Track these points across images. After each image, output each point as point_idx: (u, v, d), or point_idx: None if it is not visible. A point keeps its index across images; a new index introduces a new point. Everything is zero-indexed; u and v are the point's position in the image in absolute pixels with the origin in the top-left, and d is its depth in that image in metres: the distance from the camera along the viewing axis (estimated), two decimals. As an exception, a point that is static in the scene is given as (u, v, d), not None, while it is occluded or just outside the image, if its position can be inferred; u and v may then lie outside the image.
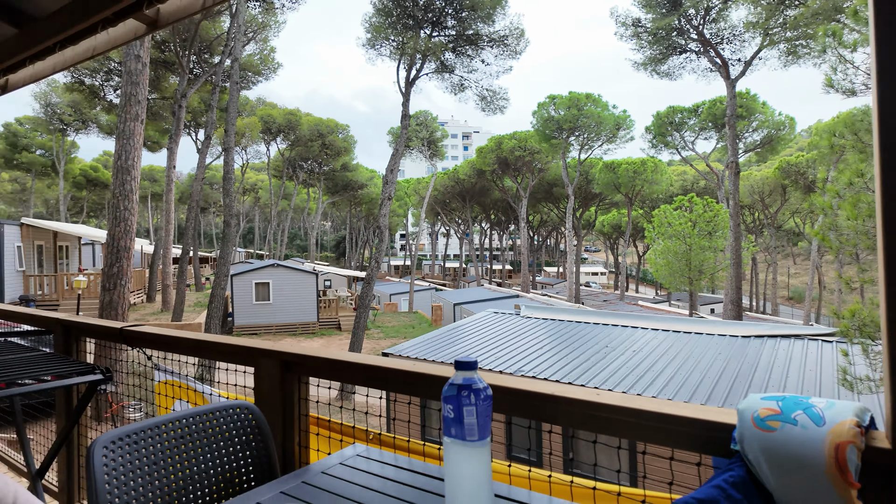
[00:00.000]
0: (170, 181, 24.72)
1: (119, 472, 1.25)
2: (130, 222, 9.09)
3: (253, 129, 39.37)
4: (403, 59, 19.05)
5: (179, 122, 22.53)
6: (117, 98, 28.42)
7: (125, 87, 8.77)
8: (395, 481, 1.27)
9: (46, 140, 40.68)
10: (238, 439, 1.49)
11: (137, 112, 8.79)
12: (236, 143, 21.59)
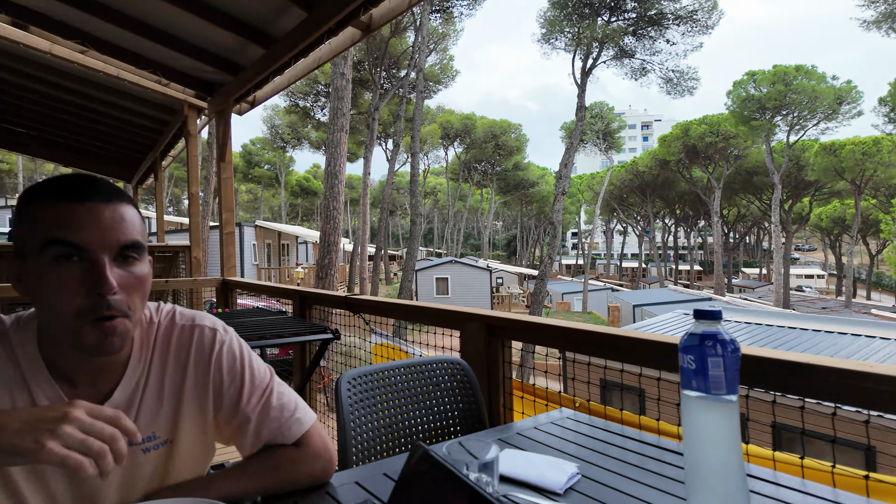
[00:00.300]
0: (365, 187, 27.62)
1: (356, 399, 1.43)
2: (338, 220, 10.36)
3: (433, 136, 42.02)
4: (579, 50, 18.55)
5: (373, 134, 25.03)
6: (324, 116, 32.70)
7: (333, 103, 10.07)
8: (616, 446, 1.23)
9: (272, 156, 48.75)
10: (450, 390, 1.59)
11: (343, 123, 10.03)
12: (419, 149, 23.29)
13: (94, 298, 0.80)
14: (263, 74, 3.35)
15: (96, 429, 0.70)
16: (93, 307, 0.80)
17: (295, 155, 55.23)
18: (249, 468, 0.97)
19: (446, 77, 31.02)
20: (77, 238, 0.79)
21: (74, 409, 0.70)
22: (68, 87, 5.56)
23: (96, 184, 0.83)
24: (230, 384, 1.00)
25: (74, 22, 3.50)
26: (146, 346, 0.96)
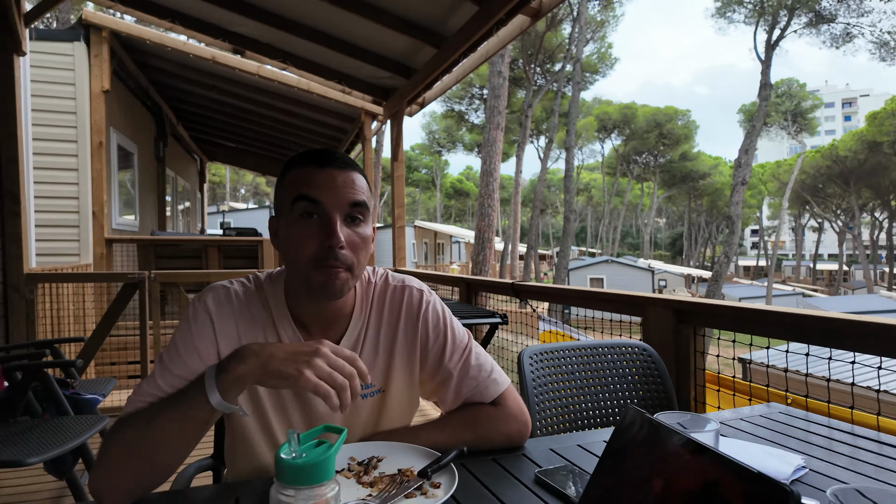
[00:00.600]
0: (517, 185, 27.72)
1: (538, 374, 1.44)
2: (492, 217, 10.55)
3: (589, 129, 40.63)
4: (762, 21, 16.44)
5: (525, 131, 25.03)
6: (477, 119, 33.56)
7: (489, 102, 10.30)
8: (847, 444, 1.06)
9: (429, 161, 51.44)
10: (633, 374, 1.52)
11: (498, 121, 10.20)
12: (574, 143, 22.71)
13: (325, 249, 0.93)
14: (434, 74, 3.54)
15: (339, 365, 0.81)
16: (323, 255, 0.93)
17: (449, 158, 57.68)
18: (451, 421, 1.04)
19: (604, 66, 29.79)
20: (317, 194, 0.94)
21: (323, 347, 0.81)
22: (268, 103, 6.48)
23: (335, 155, 0.99)
24: (434, 341, 1.08)
25: (278, 43, 4.06)
26: (365, 303, 1.08)
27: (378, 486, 0.86)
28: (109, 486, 0.80)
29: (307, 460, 0.59)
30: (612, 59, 29.84)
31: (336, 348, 0.83)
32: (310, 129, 7.36)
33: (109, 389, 3.09)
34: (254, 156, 10.95)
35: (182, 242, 6.29)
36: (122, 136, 6.34)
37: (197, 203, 12.79)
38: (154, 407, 0.84)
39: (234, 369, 0.79)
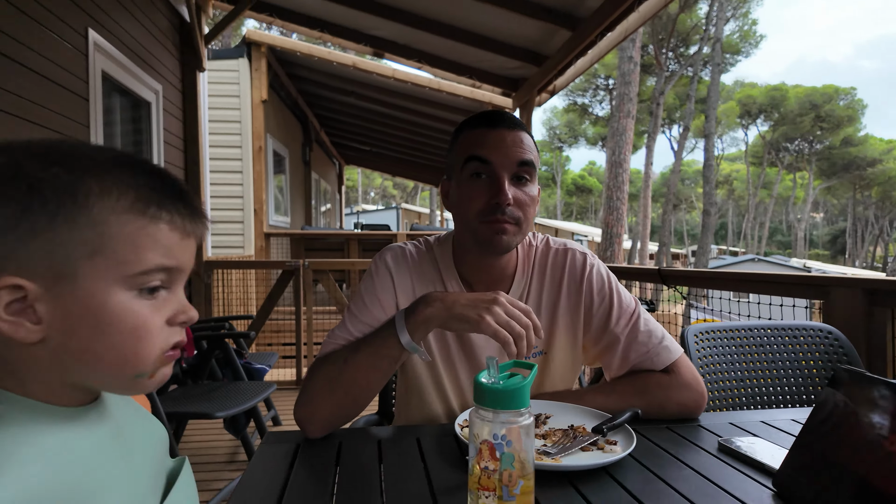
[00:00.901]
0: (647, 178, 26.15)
1: (704, 353, 1.35)
2: (621, 211, 10.07)
3: (730, 115, 37.08)
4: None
5: (657, 120, 23.52)
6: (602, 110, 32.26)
7: (619, 89, 9.84)
8: None
9: (549, 158, 50.44)
10: (814, 359, 1.37)
11: (629, 109, 9.71)
12: (713, 131, 20.87)
13: (492, 205, 0.96)
14: (568, 59, 3.47)
15: (516, 315, 0.83)
16: (490, 210, 0.97)
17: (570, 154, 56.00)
18: (619, 386, 1.01)
19: (747, 45, 26.98)
20: (487, 154, 0.97)
21: (501, 297, 0.85)
22: (401, 105, 6.81)
23: (504, 115, 1.02)
24: (599, 305, 1.06)
25: (414, 43, 4.26)
26: (527, 265, 1.09)
27: (551, 439, 0.86)
28: (311, 415, 0.90)
29: (506, 386, 0.61)
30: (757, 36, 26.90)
31: (513, 300, 0.85)
32: (437, 129, 7.60)
33: (273, 361, 3.47)
34: (385, 158, 11.59)
35: (328, 236, 6.87)
36: (277, 141, 7.08)
37: (336, 203, 13.86)
38: (350, 346, 0.94)
39: (421, 312, 0.85)
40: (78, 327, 0.42)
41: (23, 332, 0.41)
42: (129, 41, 3.27)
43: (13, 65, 2.17)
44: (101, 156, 0.44)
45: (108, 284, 0.43)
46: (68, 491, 0.41)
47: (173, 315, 0.47)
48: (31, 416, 0.42)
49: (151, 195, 0.44)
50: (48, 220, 0.41)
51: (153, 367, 0.46)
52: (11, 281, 0.40)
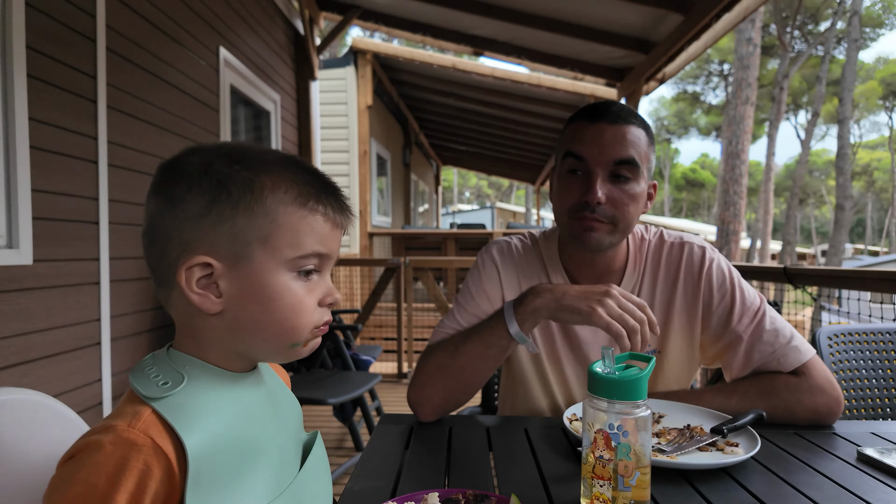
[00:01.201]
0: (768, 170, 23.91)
1: (839, 357, 1.24)
2: (739, 206, 9.30)
3: (869, 97, 32.75)
4: None
5: (780, 106, 21.41)
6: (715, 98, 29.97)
7: (736, 74, 9.08)
8: None
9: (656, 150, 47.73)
10: None
11: (748, 95, 8.93)
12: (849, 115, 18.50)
13: (582, 202, 0.94)
14: (679, 44, 3.27)
15: (630, 309, 0.81)
16: (580, 207, 0.95)
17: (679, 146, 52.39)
18: (741, 388, 0.95)
19: (893, 16, 23.63)
20: (581, 150, 0.95)
21: (613, 289, 0.83)
22: (498, 103, 6.81)
23: (609, 108, 0.97)
24: (720, 302, 1.00)
25: (514, 40, 4.25)
26: (639, 260, 1.06)
27: (665, 437, 0.84)
28: (423, 399, 0.95)
29: (622, 376, 0.60)
30: (907, 4, 23.45)
31: (626, 293, 0.83)
32: (535, 125, 7.51)
33: (377, 354, 3.64)
34: (481, 157, 11.65)
35: (426, 235, 7.06)
36: (380, 145, 7.40)
37: (433, 204, 14.18)
38: (461, 334, 0.97)
39: (530, 302, 0.86)
40: (249, 301, 0.49)
41: (208, 303, 0.49)
42: (252, 56, 3.60)
43: (159, 81, 2.48)
44: (270, 156, 0.52)
45: (275, 265, 0.50)
46: (238, 441, 0.49)
47: (323, 296, 0.53)
48: (210, 378, 0.50)
49: (310, 190, 0.51)
50: (232, 209, 0.48)
51: (305, 339, 0.53)
52: (203, 259, 0.48)
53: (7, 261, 1.59)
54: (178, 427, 0.44)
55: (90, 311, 1.98)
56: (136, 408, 0.45)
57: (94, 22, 2.00)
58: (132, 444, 0.42)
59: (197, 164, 0.49)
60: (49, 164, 1.78)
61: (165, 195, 0.49)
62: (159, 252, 0.50)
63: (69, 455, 0.43)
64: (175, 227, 0.48)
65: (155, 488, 0.42)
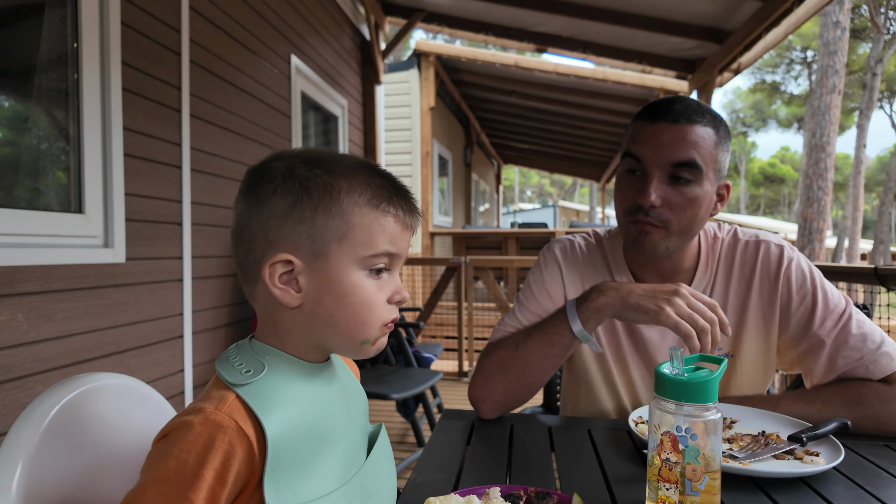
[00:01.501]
0: (858, 162, 22.07)
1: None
2: (824, 202, 8.65)
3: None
4: None
5: (872, 94, 19.70)
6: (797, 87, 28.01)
7: (821, 60, 8.43)
8: None
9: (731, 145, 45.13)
10: None
11: (834, 83, 8.27)
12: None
13: (636, 205, 0.92)
14: (756, 32, 3.10)
15: (700, 309, 0.78)
16: (634, 210, 0.92)
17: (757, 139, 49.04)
18: (824, 395, 0.89)
19: None
20: (638, 151, 0.92)
21: (682, 288, 0.81)
22: (561, 99, 6.70)
23: (671, 106, 0.92)
24: (799, 304, 0.94)
25: (578, 35, 4.17)
26: (711, 260, 1.02)
27: (738, 443, 0.80)
28: (484, 396, 0.96)
29: (691, 378, 0.59)
30: None
31: (696, 293, 0.81)
32: (600, 121, 7.32)
33: (439, 352, 3.69)
34: (543, 155, 11.50)
35: (487, 234, 7.06)
36: (441, 146, 7.47)
37: (493, 203, 14.14)
38: (523, 332, 0.97)
39: (594, 300, 0.85)
40: (325, 297, 0.53)
41: (288, 297, 0.52)
42: (321, 63, 3.74)
43: (235, 90, 2.63)
44: (346, 161, 0.55)
45: (349, 263, 0.53)
46: (312, 429, 0.52)
47: (392, 294, 0.56)
48: (288, 367, 0.54)
49: (382, 193, 0.54)
50: (312, 210, 0.51)
51: (374, 336, 0.55)
52: (286, 256, 0.51)
53: (104, 259, 1.75)
54: (260, 412, 0.48)
55: (174, 306, 2.14)
56: (222, 392, 0.49)
57: (179, 36, 2.15)
58: (218, 426, 0.45)
59: (281, 169, 0.53)
60: (139, 170, 1.93)
61: (253, 197, 0.53)
62: (246, 249, 0.54)
63: (163, 433, 0.47)
64: (261, 226, 0.52)
65: (238, 467, 0.45)
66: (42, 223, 1.56)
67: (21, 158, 1.61)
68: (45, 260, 1.53)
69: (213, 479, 0.44)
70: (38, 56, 1.64)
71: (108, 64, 1.77)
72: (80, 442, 0.61)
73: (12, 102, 1.63)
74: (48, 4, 1.66)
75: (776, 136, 77.09)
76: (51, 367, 1.55)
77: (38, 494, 0.55)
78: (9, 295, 1.42)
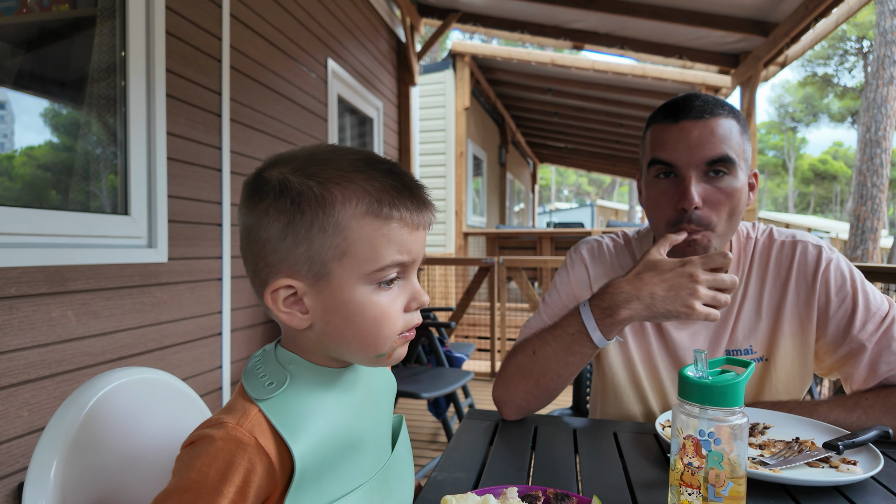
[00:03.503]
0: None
1: None
2: (879, 200, 8.21)
3: None
4: None
5: (934, 85, 18.59)
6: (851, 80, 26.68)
7: (877, 51, 8.01)
8: None
9: (778, 141, 43.40)
10: None
11: (892, 74, 7.84)
12: None
13: (679, 212, 0.88)
14: (804, 23, 2.96)
15: (718, 281, 0.79)
16: (678, 219, 0.89)
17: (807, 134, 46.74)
18: (865, 401, 0.85)
19: None
20: (668, 157, 0.89)
21: (695, 269, 0.80)
22: (599, 97, 6.59)
23: (690, 103, 0.89)
24: (838, 307, 0.90)
25: (616, 31, 4.09)
26: (744, 260, 0.98)
27: (770, 450, 0.77)
28: (506, 398, 0.96)
29: (716, 381, 0.57)
30: None
31: (707, 262, 0.82)
32: (639, 118, 7.16)
33: (471, 352, 3.69)
34: (580, 154, 11.32)
35: (521, 234, 7.01)
36: (476, 146, 7.46)
37: (529, 203, 14.03)
38: (540, 337, 0.94)
39: (616, 314, 0.83)
40: (333, 317, 0.51)
41: (296, 320, 0.51)
42: (357, 66, 3.80)
43: (274, 94, 2.71)
44: (343, 163, 0.51)
45: (354, 281, 0.50)
46: (341, 436, 0.52)
47: (408, 301, 0.53)
48: (312, 377, 0.53)
49: (383, 197, 0.50)
50: (307, 230, 0.48)
51: (390, 348, 0.53)
52: (286, 282, 0.50)
53: (147, 259, 1.83)
54: (284, 432, 0.48)
55: (214, 304, 2.22)
56: (246, 405, 0.49)
57: (220, 44, 2.23)
58: (239, 443, 0.46)
59: (274, 183, 0.50)
60: (182, 173, 2.01)
61: (251, 216, 0.51)
62: (252, 270, 0.52)
63: (189, 441, 0.48)
64: (260, 248, 0.50)
65: (258, 482, 0.46)
66: (91, 224, 1.65)
67: (72, 163, 1.70)
68: (94, 259, 1.61)
69: (235, 494, 0.45)
70: (90, 65, 1.73)
71: (153, 71, 1.85)
72: (111, 438, 0.64)
73: (64, 110, 1.73)
74: (99, 17, 1.75)
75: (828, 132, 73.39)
76: (97, 361, 1.64)
77: (75, 484, 0.59)
78: (60, 293, 1.51)
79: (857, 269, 0.93)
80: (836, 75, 27.16)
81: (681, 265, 0.82)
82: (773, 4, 3.14)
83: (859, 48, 24.68)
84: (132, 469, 0.66)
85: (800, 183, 47.27)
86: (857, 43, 24.52)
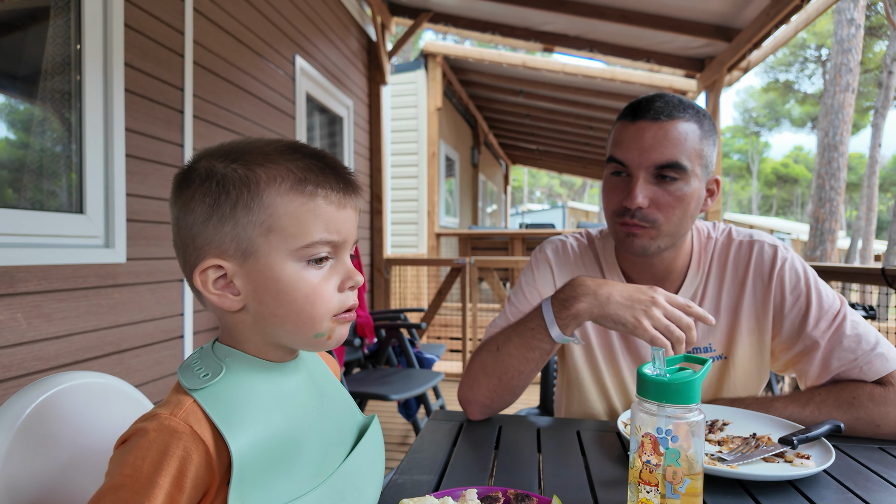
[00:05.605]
0: (873, 162, 21.72)
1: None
2: (836, 202, 8.54)
3: None
4: None
5: (888, 92, 19.38)
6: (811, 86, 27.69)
7: (834, 59, 8.33)
8: None
9: (742, 145, 44.73)
10: None
11: (847, 82, 8.16)
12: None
13: (623, 206, 0.90)
14: (765, 30, 3.05)
15: (676, 316, 0.77)
16: (621, 212, 0.91)
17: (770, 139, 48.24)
18: (818, 397, 0.88)
19: None
20: (621, 156, 0.91)
21: (658, 295, 0.79)
22: (569, 99, 6.67)
23: (651, 104, 0.90)
24: (793, 305, 0.93)
25: (585, 34, 4.14)
26: (703, 260, 1.00)
27: (728, 446, 0.79)
28: (470, 398, 0.95)
29: (673, 379, 0.57)
30: None
31: (670, 297, 0.80)
32: (609, 120, 7.28)
33: (441, 352, 3.68)
34: (552, 156, 11.45)
35: (493, 235, 7.04)
36: (448, 146, 7.46)
37: (501, 204, 14.11)
38: (503, 335, 0.94)
39: (572, 306, 0.84)
40: (264, 295, 0.50)
41: (228, 302, 0.50)
42: (327, 64, 3.75)
43: (239, 91, 2.65)
44: (267, 148, 0.51)
45: (282, 258, 0.50)
46: (277, 431, 0.50)
47: (342, 282, 0.53)
48: (248, 368, 0.52)
49: (308, 175, 0.50)
50: (231, 208, 0.49)
51: (328, 328, 0.52)
52: (213, 262, 0.49)
53: (104, 259, 1.76)
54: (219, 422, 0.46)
55: (175, 307, 2.15)
56: (180, 397, 0.48)
57: (183, 38, 2.17)
58: (173, 431, 0.45)
59: (201, 171, 0.50)
60: (142, 171, 1.95)
61: (178, 205, 0.51)
62: (182, 257, 0.52)
63: (122, 439, 0.46)
64: (188, 233, 0.51)
65: (195, 472, 0.45)
66: (42, 223, 1.58)
67: (23, 159, 1.63)
68: (46, 260, 1.54)
69: (170, 485, 0.43)
70: (43, 59, 1.66)
71: (110, 66, 1.78)
72: (54, 441, 0.62)
73: (16, 104, 1.65)
74: (53, 8, 1.68)
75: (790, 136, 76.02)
76: (50, 366, 1.57)
77: (11, 493, 0.56)
78: (9, 294, 1.44)
79: (810, 267, 0.95)
80: (797, 82, 28.19)
81: (649, 287, 0.82)
82: (737, 11, 3.23)
83: (818, 56, 25.63)
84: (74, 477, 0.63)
85: (763, 186, 48.83)
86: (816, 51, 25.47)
